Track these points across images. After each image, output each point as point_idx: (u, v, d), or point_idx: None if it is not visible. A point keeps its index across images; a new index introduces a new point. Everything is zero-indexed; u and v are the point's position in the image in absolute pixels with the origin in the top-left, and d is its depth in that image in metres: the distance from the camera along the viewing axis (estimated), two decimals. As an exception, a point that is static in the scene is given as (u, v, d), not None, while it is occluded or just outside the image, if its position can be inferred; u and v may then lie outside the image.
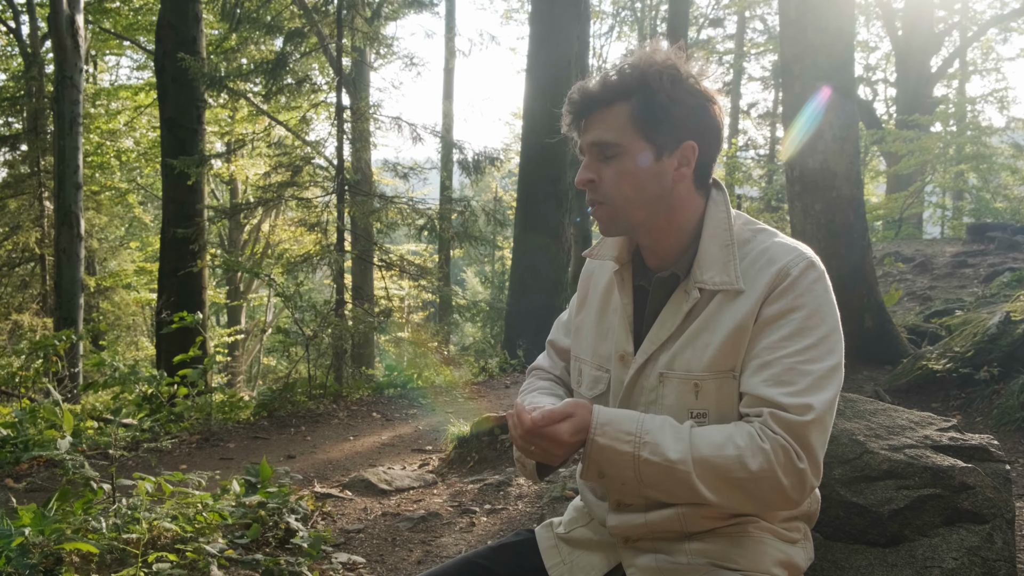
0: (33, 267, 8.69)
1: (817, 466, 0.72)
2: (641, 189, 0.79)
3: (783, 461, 0.70)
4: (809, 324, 0.75)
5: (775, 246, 0.79)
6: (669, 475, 0.72)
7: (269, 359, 11.30)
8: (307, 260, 5.06)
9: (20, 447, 2.77)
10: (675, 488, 0.73)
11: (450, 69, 12.01)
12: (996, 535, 1.30)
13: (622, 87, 0.77)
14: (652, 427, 0.74)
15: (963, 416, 2.51)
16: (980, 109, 12.41)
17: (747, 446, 0.71)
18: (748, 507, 0.73)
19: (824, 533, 1.34)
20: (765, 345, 0.75)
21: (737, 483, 0.71)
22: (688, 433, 0.73)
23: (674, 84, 0.77)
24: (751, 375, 0.75)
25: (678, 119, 0.77)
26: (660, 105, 0.76)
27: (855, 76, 3.68)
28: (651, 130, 0.77)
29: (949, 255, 6.57)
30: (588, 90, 0.79)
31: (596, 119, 0.79)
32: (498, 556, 0.89)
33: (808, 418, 0.71)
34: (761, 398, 0.73)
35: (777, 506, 0.73)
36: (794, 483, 0.70)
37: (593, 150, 0.79)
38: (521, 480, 2.37)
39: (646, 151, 0.78)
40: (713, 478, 0.71)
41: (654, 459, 0.72)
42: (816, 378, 0.72)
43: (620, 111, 0.77)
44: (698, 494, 0.72)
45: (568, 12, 5.94)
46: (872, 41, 13.80)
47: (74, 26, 6.19)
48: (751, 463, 0.70)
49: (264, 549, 1.74)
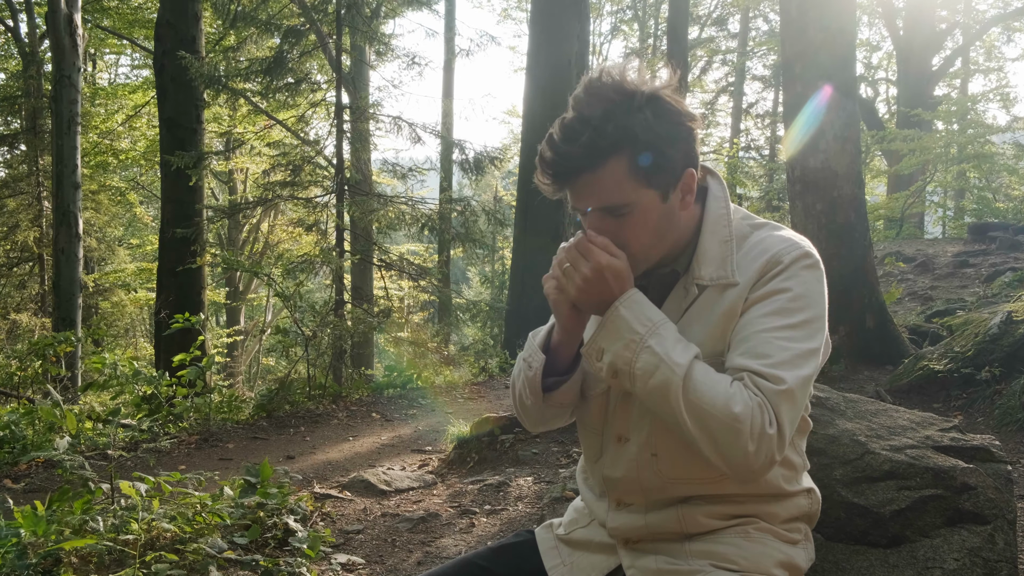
0: (31, 267, 8.67)
1: (783, 439, 0.71)
2: (658, 234, 0.78)
3: (758, 421, 0.69)
4: (792, 306, 0.74)
5: (771, 238, 0.79)
6: (659, 373, 0.71)
7: (268, 359, 11.29)
8: (306, 260, 5.05)
9: (18, 448, 2.77)
10: (657, 390, 0.72)
11: (450, 68, 11.98)
12: (998, 536, 1.29)
13: (607, 145, 0.72)
14: (668, 330, 0.74)
15: (964, 417, 2.51)
16: (984, 108, 12.35)
17: (737, 392, 0.71)
18: (705, 450, 0.71)
19: (825, 534, 1.33)
20: (746, 321, 0.75)
21: (711, 419, 0.69)
22: (695, 352, 0.74)
23: (659, 119, 0.73)
24: (732, 350, 0.75)
25: (672, 156, 0.75)
26: (653, 150, 0.73)
27: (856, 75, 3.67)
28: (652, 176, 0.75)
29: (950, 255, 6.55)
30: (568, 155, 0.73)
31: (587, 184, 0.74)
32: (498, 557, 0.88)
33: (780, 388, 0.70)
34: (738, 367, 0.73)
35: (733, 465, 0.70)
36: (759, 448, 0.69)
37: (599, 211, 0.76)
38: (521, 481, 2.37)
39: (654, 198, 0.76)
40: (694, 402, 0.70)
41: (657, 349, 0.72)
42: (793, 355, 0.72)
43: (614, 170, 0.73)
44: (672, 407, 0.71)
45: (568, 11, 5.93)
46: (874, 40, 13.78)
47: (72, 25, 6.18)
48: (734, 406, 0.69)
49: (263, 550, 1.74)
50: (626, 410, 0.82)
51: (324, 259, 4.93)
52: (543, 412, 0.85)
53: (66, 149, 6.17)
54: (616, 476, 0.83)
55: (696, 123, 0.77)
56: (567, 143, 0.74)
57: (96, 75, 11.08)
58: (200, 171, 5.60)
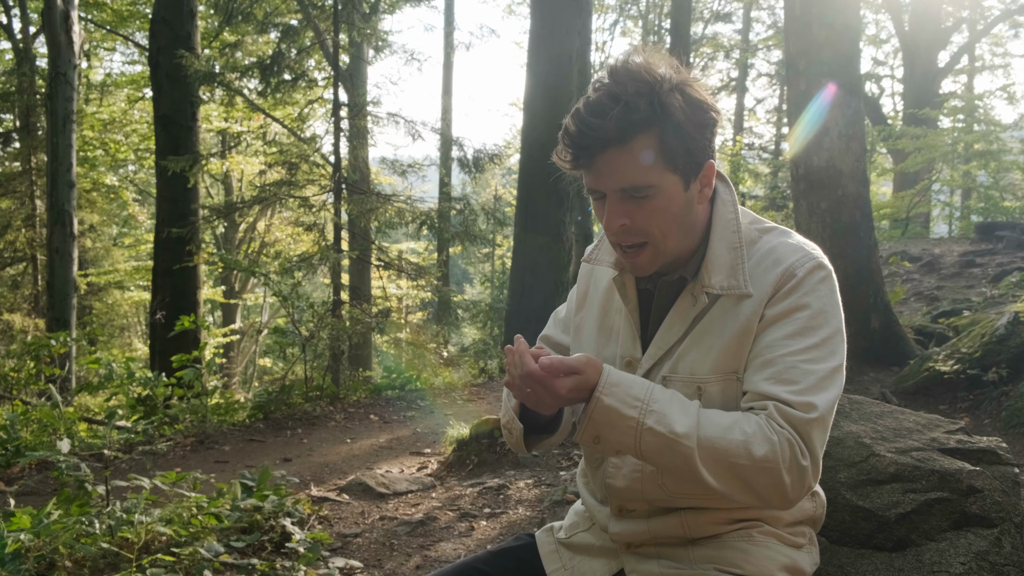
0: (25, 267, 8.62)
1: (817, 466, 0.70)
2: (679, 223, 0.76)
3: (788, 456, 0.68)
4: (813, 324, 0.73)
5: (782, 246, 0.77)
6: (671, 449, 0.69)
7: (265, 360, 11.24)
8: (304, 259, 5.02)
9: (12, 450, 2.73)
10: (674, 464, 0.70)
11: (449, 64, 11.92)
12: (1005, 539, 1.28)
13: (640, 119, 0.70)
14: (661, 397, 0.71)
15: (971, 418, 2.49)
16: (991, 105, 12.25)
17: (754, 433, 0.69)
18: (744, 497, 0.70)
19: (830, 537, 1.32)
20: (767, 343, 0.74)
21: (738, 470, 0.68)
22: (696, 410, 0.72)
23: (689, 104, 0.72)
24: (753, 372, 0.74)
25: (698, 143, 0.73)
26: (682, 133, 0.72)
27: (861, 72, 3.64)
28: (677, 160, 0.73)
29: (957, 254, 6.51)
30: (597, 128, 0.70)
31: (613, 160, 0.72)
32: (498, 561, 0.88)
33: (812, 416, 0.69)
34: (764, 394, 0.72)
35: (773, 502, 0.70)
36: (795, 480, 0.69)
37: (620, 193, 0.74)
38: (521, 483, 2.35)
39: (677, 184, 0.74)
40: (715, 460, 0.69)
41: (658, 429, 0.69)
42: (819, 378, 0.71)
43: (643, 147, 0.71)
44: (696, 474, 0.69)
45: (569, 6, 5.88)
46: (882, 34, 13.66)
47: (68, 22, 6.13)
48: (756, 450, 0.68)
49: (260, 553, 1.72)
50: None
51: (321, 257, 4.90)
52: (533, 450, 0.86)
53: (61, 147, 6.12)
54: (619, 486, 0.82)
55: (720, 116, 0.76)
56: (596, 116, 0.71)
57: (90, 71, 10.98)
58: (196, 172, 5.56)
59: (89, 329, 6.24)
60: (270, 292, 5.94)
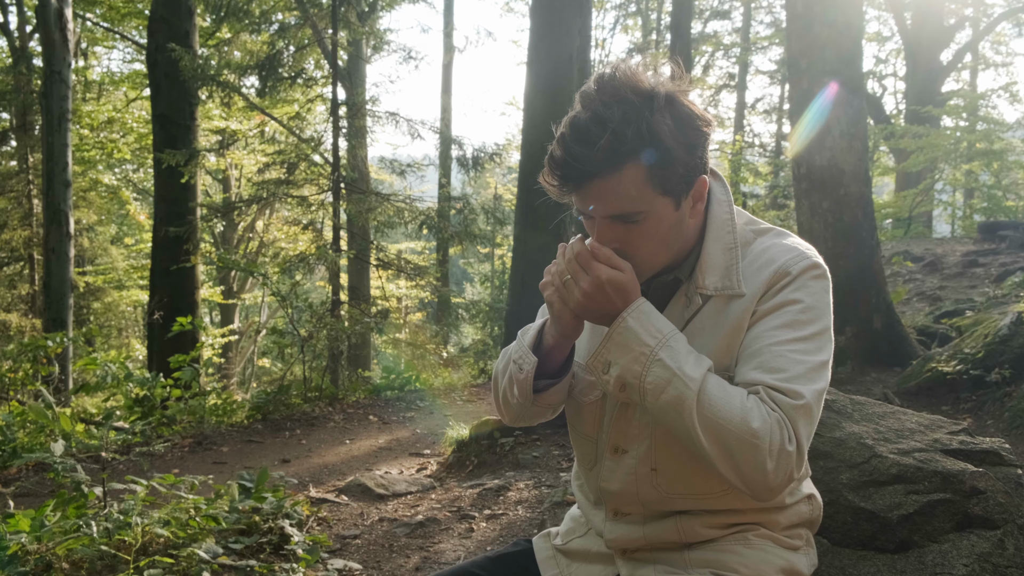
0: (21, 267, 8.61)
1: (802, 457, 0.69)
2: (670, 242, 0.75)
3: (776, 437, 0.67)
4: (803, 318, 0.73)
5: (776, 247, 0.77)
6: (672, 387, 0.68)
7: (263, 360, 11.22)
8: (303, 259, 5.01)
9: (8, 451, 2.72)
10: (670, 405, 0.69)
11: (448, 63, 11.90)
12: (1008, 541, 1.27)
13: (627, 151, 0.68)
14: (679, 342, 0.71)
15: (974, 419, 2.48)
16: (994, 104, 12.14)
17: (753, 407, 0.68)
18: (724, 467, 0.68)
19: (832, 539, 1.31)
20: (757, 334, 0.73)
21: (727, 436, 0.67)
22: (708, 366, 0.71)
23: (679, 124, 0.70)
24: (743, 364, 0.73)
25: (689, 163, 0.72)
26: (672, 157, 0.70)
27: (863, 71, 3.63)
28: (667, 184, 0.71)
29: (959, 254, 6.50)
30: (583, 158, 0.69)
31: (601, 188, 0.70)
32: (495, 567, 0.87)
33: (799, 403, 0.68)
34: (753, 381, 0.71)
35: (753, 482, 0.68)
36: (777, 466, 0.67)
37: (609, 219, 0.73)
38: (521, 485, 2.34)
39: (667, 205, 0.73)
40: (709, 418, 0.67)
41: (668, 363, 0.69)
42: (807, 368, 0.70)
43: (631, 176, 0.69)
44: (685, 423, 0.68)
45: (569, 5, 5.87)
46: (884, 32, 13.62)
47: (63, 20, 6.09)
48: (752, 421, 0.67)
49: (259, 555, 1.71)
50: (624, 421, 0.79)
51: (320, 256, 4.88)
52: (528, 410, 0.83)
53: (56, 146, 6.09)
54: (613, 489, 0.81)
55: (711, 128, 0.74)
56: (582, 145, 0.69)
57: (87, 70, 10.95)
58: (193, 169, 5.54)
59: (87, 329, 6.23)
60: (268, 292, 5.92)
